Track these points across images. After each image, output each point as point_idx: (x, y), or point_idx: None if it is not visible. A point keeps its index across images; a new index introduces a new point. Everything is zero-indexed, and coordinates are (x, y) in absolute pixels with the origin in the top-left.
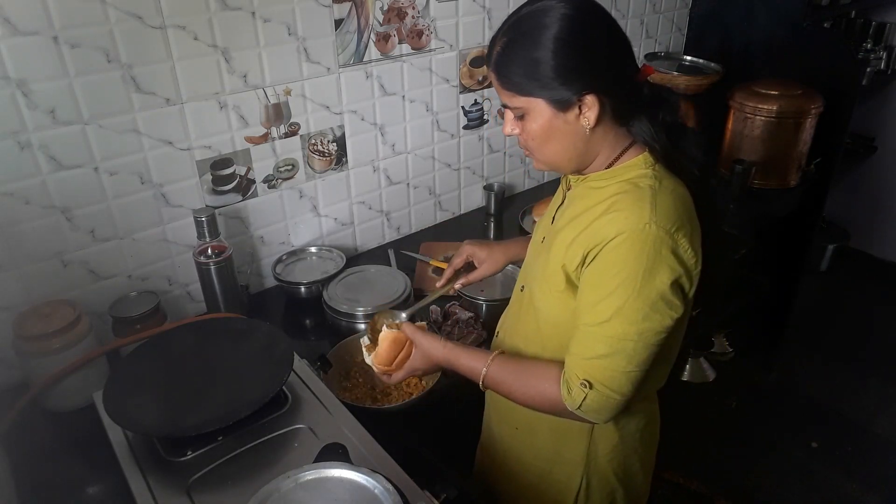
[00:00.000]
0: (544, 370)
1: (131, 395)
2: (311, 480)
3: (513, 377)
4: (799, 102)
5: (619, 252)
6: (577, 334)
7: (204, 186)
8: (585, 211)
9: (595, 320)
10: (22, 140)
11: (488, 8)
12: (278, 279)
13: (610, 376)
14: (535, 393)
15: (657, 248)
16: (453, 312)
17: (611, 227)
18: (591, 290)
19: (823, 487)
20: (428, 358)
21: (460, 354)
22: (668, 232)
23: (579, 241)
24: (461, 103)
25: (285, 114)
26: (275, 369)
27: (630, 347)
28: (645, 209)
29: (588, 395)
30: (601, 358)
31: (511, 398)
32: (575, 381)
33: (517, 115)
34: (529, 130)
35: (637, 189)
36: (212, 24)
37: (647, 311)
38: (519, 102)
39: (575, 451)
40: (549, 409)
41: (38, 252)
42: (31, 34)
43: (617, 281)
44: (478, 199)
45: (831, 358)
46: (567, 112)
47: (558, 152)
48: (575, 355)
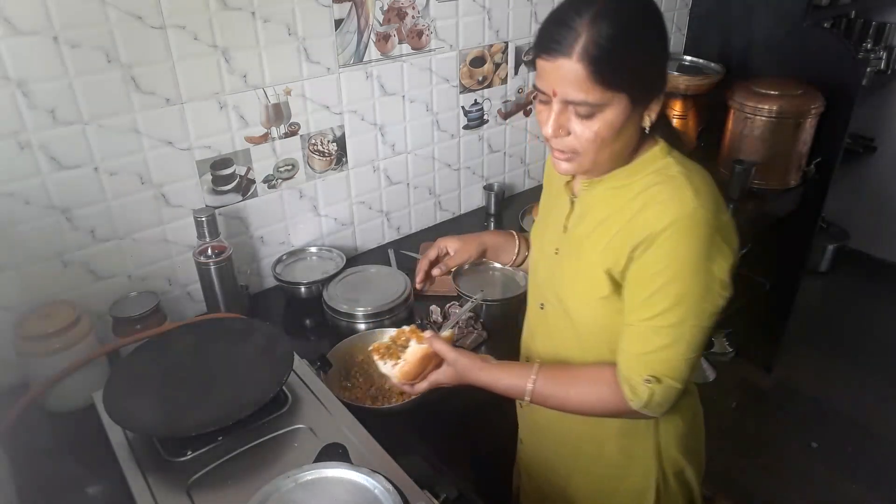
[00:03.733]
0: (595, 375)
1: (131, 395)
2: (311, 480)
3: (563, 388)
4: (799, 102)
5: (672, 242)
6: (628, 332)
7: (204, 186)
8: (615, 212)
9: (651, 313)
10: (22, 140)
11: (488, 8)
12: (278, 279)
13: (674, 367)
14: (595, 399)
15: (709, 231)
16: (453, 313)
17: (658, 220)
18: (641, 285)
19: (823, 487)
20: (460, 378)
21: (500, 376)
22: (714, 214)
23: (619, 241)
24: (461, 103)
25: (285, 114)
26: (275, 369)
27: (689, 334)
28: (687, 195)
29: (655, 391)
30: (662, 350)
31: (563, 409)
32: (637, 380)
33: (584, 114)
34: (596, 129)
35: (670, 178)
36: (212, 24)
37: (704, 294)
38: (601, 98)
39: (645, 447)
40: (609, 412)
41: (38, 252)
42: (31, 34)
43: (672, 271)
44: (478, 199)
45: (831, 358)
46: (638, 110)
47: (614, 153)
48: (631, 353)
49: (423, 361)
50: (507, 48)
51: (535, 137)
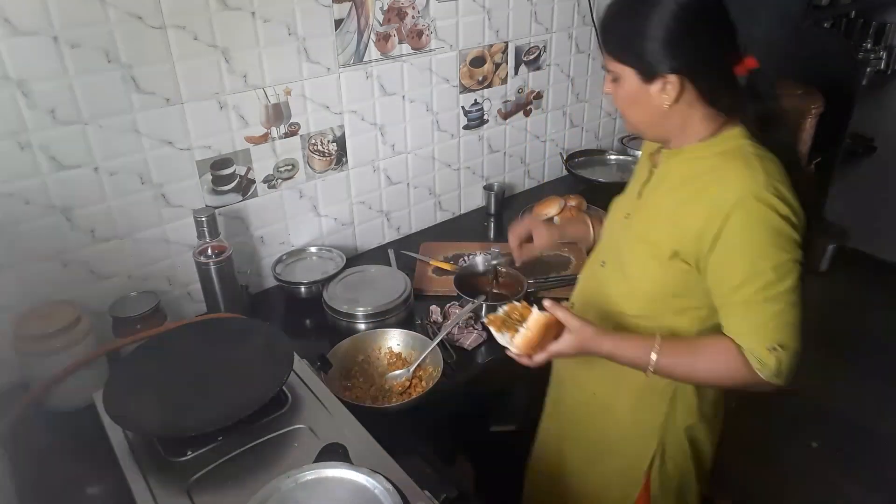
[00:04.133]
0: (719, 346)
1: (131, 395)
2: (311, 480)
3: (688, 360)
4: (799, 102)
5: (749, 220)
6: (736, 310)
7: (204, 186)
8: (688, 181)
9: (755, 288)
10: (22, 140)
11: (488, 8)
12: (278, 279)
13: (791, 330)
14: (725, 371)
15: (777, 206)
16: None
17: (727, 194)
18: (735, 267)
19: (823, 487)
20: (583, 346)
21: (624, 346)
22: (780, 190)
23: (691, 209)
24: (461, 103)
25: (285, 114)
26: (275, 369)
27: (794, 296)
28: (758, 173)
29: (782, 358)
30: (775, 318)
31: (688, 380)
32: (763, 351)
33: (612, 78)
34: (619, 94)
35: (742, 156)
36: (212, 24)
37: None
38: (614, 67)
39: (653, 417)
40: (741, 383)
41: (38, 252)
42: (31, 34)
43: (758, 249)
44: (478, 199)
45: (831, 358)
46: (651, 85)
47: (639, 120)
48: (748, 328)
49: (544, 329)
50: (507, 48)
51: (535, 137)
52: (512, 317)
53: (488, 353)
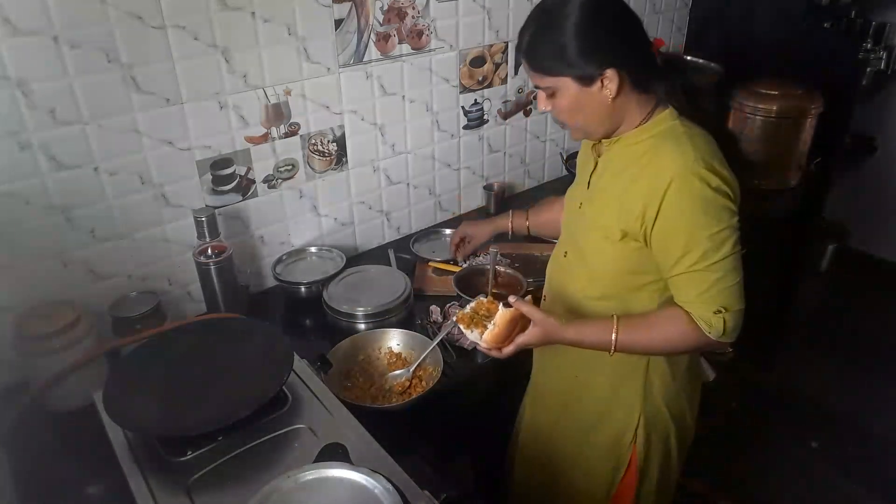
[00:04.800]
0: (670, 316)
1: (131, 395)
2: (311, 480)
3: (645, 333)
4: (799, 102)
5: (683, 196)
6: (681, 281)
7: (204, 186)
8: (628, 166)
9: (692, 260)
10: (22, 140)
11: (488, 8)
12: (278, 279)
13: (731, 294)
14: (679, 337)
15: (708, 179)
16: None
17: (662, 173)
18: (675, 240)
19: (823, 487)
20: (547, 336)
21: (584, 332)
22: (710, 164)
23: (632, 191)
24: (461, 103)
25: (285, 114)
26: (275, 369)
27: (732, 261)
28: (688, 150)
29: (726, 319)
30: (716, 284)
31: (649, 352)
32: (708, 314)
33: (548, 94)
34: (559, 105)
35: (673, 136)
36: (212, 24)
37: (725, 227)
38: (548, 82)
39: (632, 388)
40: (694, 346)
41: (38, 252)
42: (31, 34)
43: (691, 222)
44: (478, 199)
45: (831, 358)
46: (591, 86)
47: (587, 121)
48: (693, 296)
49: (511, 324)
50: (507, 48)
51: (535, 137)
52: (479, 313)
53: None
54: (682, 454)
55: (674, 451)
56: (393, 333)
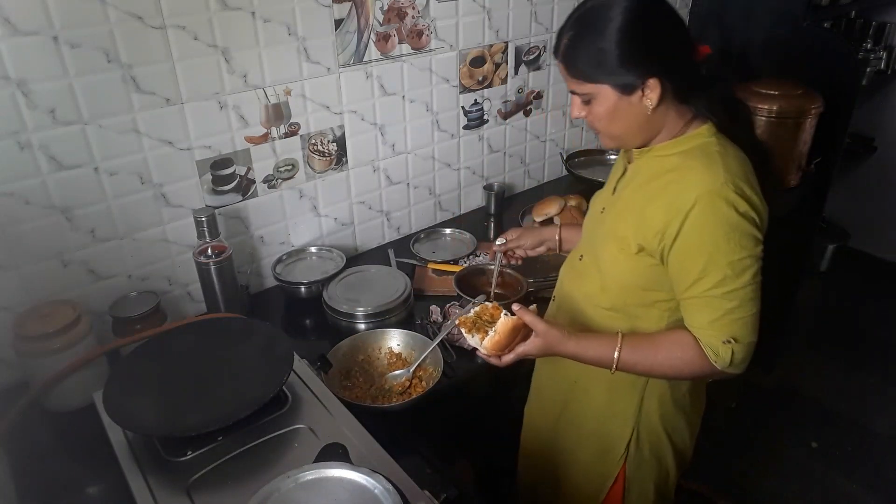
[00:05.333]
0: (677, 340)
1: (131, 395)
2: (311, 480)
3: (648, 355)
4: (799, 102)
5: (707, 217)
6: (694, 304)
7: (204, 186)
8: (654, 178)
9: (709, 285)
10: (22, 140)
11: (488, 8)
12: (278, 279)
13: (744, 325)
14: (682, 363)
15: (736, 203)
16: (453, 313)
17: (688, 191)
18: (693, 262)
19: (823, 487)
20: (549, 348)
21: (587, 346)
22: (740, 187)
23: (654, 206)
24: (461, 103)
25: (285, 114)
26: (275, 369)
27: (750, 292)
28: (718, 170)
29: (735, 350)
30: (730, 313)
31: (651, 374)
32: (717, 343)
33: (584, 100)
34: (596, 113)
35: (705, 154)
36: (212, 24)
37: (747, 255)
38: (586, 89)
39: (627, 403)
40: (698, 374)
41: (38, 252)
42: (31, 34)
43: (715, 244)
44: (478, 199)
45: (831, 358)
46: (631, 95)
47: (623, 130)
48: (704, 322)
49: (512, 332)
50: (507, 48)
51: (535, 137)
52: (482, 318)
53: None
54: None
55: (672, 472)
56: (393, 333)
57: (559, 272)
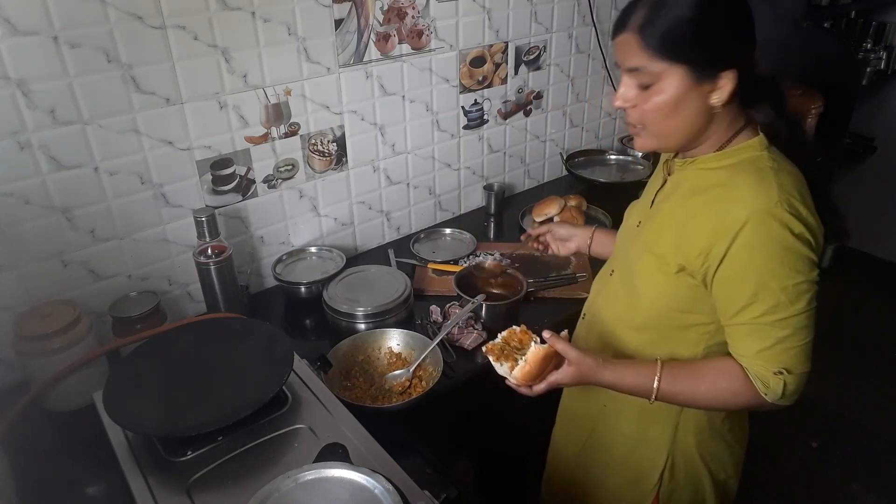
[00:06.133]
0: (722, 370)
1: (131, 395)
2: (311, 480)
3: (690, 384)
4: (799, 102)
5: (758, 239)
6: (741, 331)
7: (204, 186)
8: (698, 192)
9: (762, 310)
10: (22, 140)
11: (488, 8)
12: (278, 279)
13: (797, 354)
14: (729, 395)
15: (791, 224)
16: (453, 313)
17: (737, 210)
18: (742, 287)
19: (823, 487)
20: (583, 377)
21: (624, 374)
22: (795, 207)
23: (698, 224)
24: (461, 103)
25: (285, 114)
26: (275, 369)
27: (804, 319)
28: (771, 188)
29: (787, 382)
30: (782, 342)
31: (693, 405)
32: (768, 374)
33: (642, 84)
34: (655, 102)
35: (756, 169)
36: (212, 24)
37: (803, 280)
38: (656, 67)
39: (661, 431)
40: (745, 405)
41: (38, 252)
42: (31, 34)
43: (767, 269)
44: (478, 199)
45: (831, 358)
46: (702, 84)
47: (677, 128)
48: (753, 351)
49: (543, 362)
50: (507, 48)
51: (535, 137)
52: (510, 344)
53: None
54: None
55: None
56: (393, 333)
57: (591, 287)
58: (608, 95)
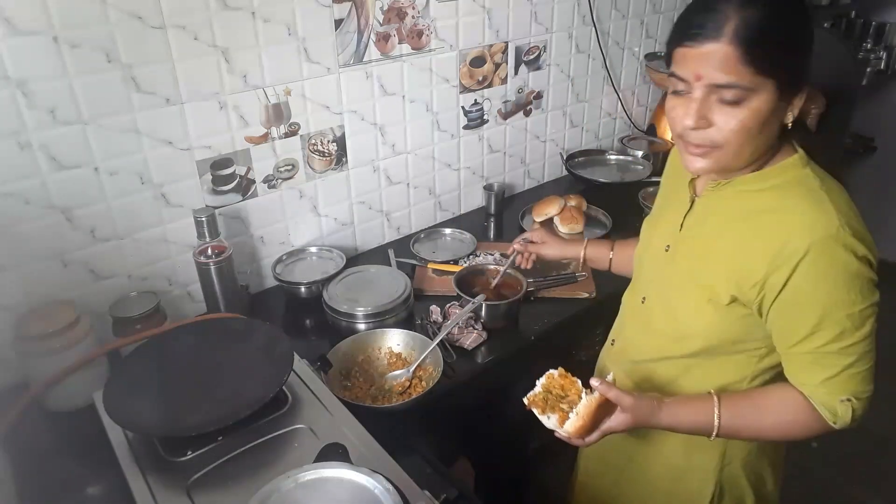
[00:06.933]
0: (785, 400)
1: (131, 395)
2: (311, 480)
3: (754, 419)
4: None
5: (823, 268)
6: (805, 360)
7: (204, 186)
8: (743, 218)
9: (826, 339)
10: (22, 140)
11: (488, 8)
12: (278, 279)
13: (863, 379)
14: (798, 427)
15: (855, 248)
16: (453, 313)
17: (796, 237)
18: (804, 316)
19: (823, 487)
20: (638, 423)
21: (681, 415)
22: (856, 229)
23: (751, 252)
24: (461, 103)
25: (285, 114)
26: (275, 369)
27: (869, 344)
28: (830, 212)
29: (855, 407)
30: (848, 369)
31: (758, 438)
32: (835, 402)
33: (731, 99)
34: (742, 118)
35: (809, 191)
36: (212, 24)
37: (868, 304)
38: (751, 81)
39: (708, 457)
40: (814, 435)
41: (38, 252)
42: (31, 34)
43: (833, 297)
44: (478, 199)
45: None
46: (783, 101)
47: (757, 148)
48: (818, 381)
49: (597, 413)
50: (507, 48)
51: (535, 137)
52: (552, 392)
53: (488, 353)
54: None
55: None
56: (393, 333)
57: (620, 310)
58: (608, 95)
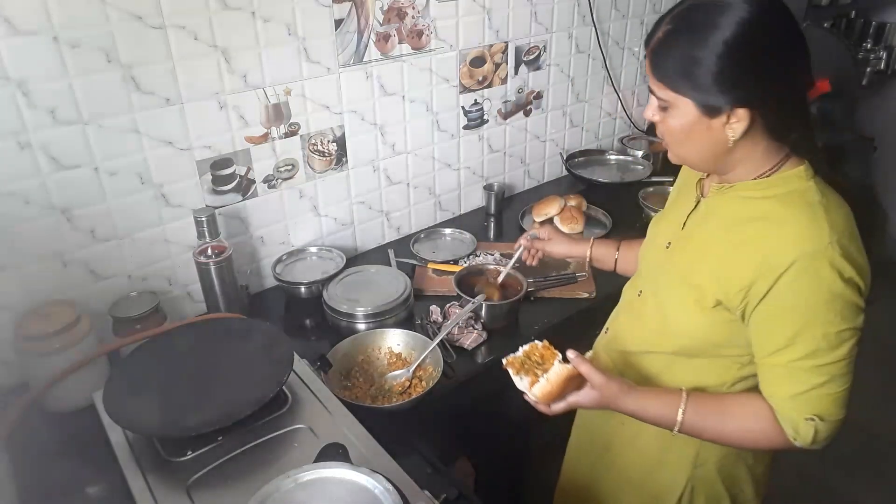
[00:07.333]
0: (751, 409)
1: (131, 395)
2: (311, 480)
3: (717, 421)
4: None
5: (805, 282)
6: (776, 373)
7: (204, 186)
8: (739, 223)
9: (800, 354)
10: (22, 140)
11: (488, 8)
12: (278, 279)
13: (833, 401)
14: (758, 436)
15: (842, 268)
16: (453, 313)
17: (785, 247)
18: (782, 328)
19: (823, 487)
20: (604, 402)
21: (647, 404)
22: (847, 249)
23: (741, 258)
24: (461, 103)
25: (285, 114)
26: (275, 369)
27: (844, 367)
28: (823, 227)
29: (819, 429)
30: (818, 388)
31: (718, 441)
32: (799, 419)
33: (661, 106)
34: (669, 125)
35: (806, 204)
36: (212, 24)
37: (847, 327)
38: (666, 96)
39: (681, 455)
40: (772, 447)
41: (38, 252)
42: (31, 34)
43: (811, 313)
44: (478, 199)
45: None
46: (713, 119)
47: (693, 154)
48: (786, 395)
49: (566, 382)
50: (507, 48)
51: (535, 137)
52: (531, 358)
53: (488, 353)
54: None
55: None
56: (393, 333)
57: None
58: (608, 95)
